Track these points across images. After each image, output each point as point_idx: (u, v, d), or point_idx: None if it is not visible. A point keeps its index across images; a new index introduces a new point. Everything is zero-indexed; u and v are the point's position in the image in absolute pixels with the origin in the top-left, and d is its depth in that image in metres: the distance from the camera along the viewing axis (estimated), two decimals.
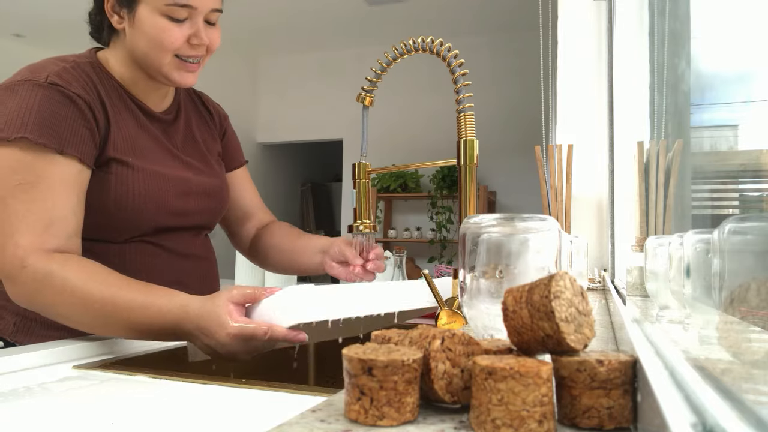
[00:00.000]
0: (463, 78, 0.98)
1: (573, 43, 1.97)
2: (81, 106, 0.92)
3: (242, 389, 0.66)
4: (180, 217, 1.05)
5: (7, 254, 0.84)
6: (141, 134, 1.02)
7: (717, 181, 0.93)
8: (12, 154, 0.86)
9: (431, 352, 0.38)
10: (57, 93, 0.90)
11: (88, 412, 0.57)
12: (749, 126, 0.76)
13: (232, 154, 1.26)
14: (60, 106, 0.89)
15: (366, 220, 1.09)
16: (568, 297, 0.38)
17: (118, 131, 0.97)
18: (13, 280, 0.85)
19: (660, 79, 1.21)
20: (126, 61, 1.02)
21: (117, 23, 0.99)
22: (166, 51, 0.97)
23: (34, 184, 0.86)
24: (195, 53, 0.99)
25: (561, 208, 1.74)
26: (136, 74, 1.02)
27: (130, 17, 0.97)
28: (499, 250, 0.55)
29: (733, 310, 0.37)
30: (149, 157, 1.01)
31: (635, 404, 0.35)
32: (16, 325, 0.99)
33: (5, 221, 0.85)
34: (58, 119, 0.89)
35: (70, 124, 0.90)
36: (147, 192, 0.98)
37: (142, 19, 0.96)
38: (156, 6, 0.94)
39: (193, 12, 0.96)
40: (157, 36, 0.95)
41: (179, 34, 0.96)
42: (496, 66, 5.45)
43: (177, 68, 0.99)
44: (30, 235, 0.84)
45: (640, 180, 1.11)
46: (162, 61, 0.98)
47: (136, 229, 0.99)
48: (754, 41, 0.66)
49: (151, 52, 0.97)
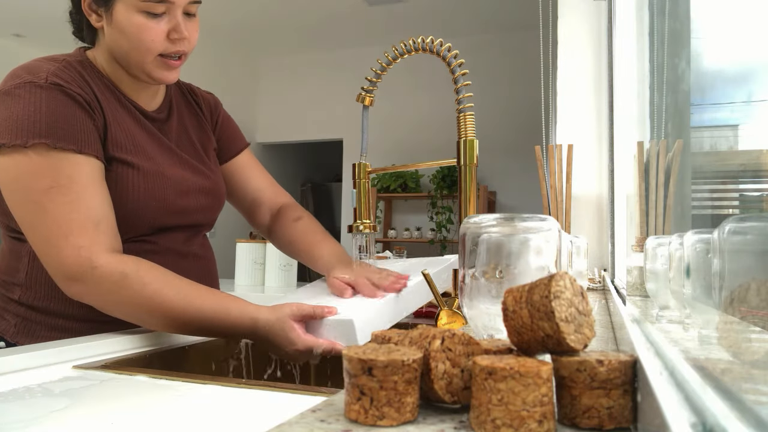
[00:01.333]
0: (463, 78, 0.98)
1: (573, 43, 1.97)
2: (83, 104, 0.92)
3: (242, 389, 0.66)
4: (179, 215, 1.04)
5: (70, 255, 0.85)
6: (139, 132, 1.01)
7: (717, 181, 0.93)
8: (31, 160, 0.86)
9: (431, 352, 0.38)
10: (59, 93, 0.90)
11: (88, 412, 0.57)
12: (749, 126, 0.76)
13: (231, 140, 1.23)
14: (65, 107, 0.89)
15: (366, 220, 1.09)
16: (568, 297, 0.38)
17: (117, 129, 0.97)
18: (83, 280, 0.86)
19: (660, 79, 1.21)
20: (110, 60, 1.01)
21: (95, 22, 0.98)
22: (147, 50, 0.95)
23: (68, 186, 0.87)
24: (176, 49, 0.97)
25: (561, 208, 1.74)
26: (120, 73, 1.01)
27: (107, 15, 0.96)
28: (499, 250, 0.55)
29: (733, 310, 0.37)
30: (149, 156, 1.00)
31: (635, 404, 0.35)
32: (17, 326, 0.99)
33: (52, 224, 0.86)
34: (68, 120, 0.89)
35: (80, 123, 0.90)
36: (148, 191, 0.98)
37: (119, 17, 0.94)
38: (133, 3, 0.92)
39: (170, 6, 0.94)
40: (137, 35, 0.94)
41: (158, 31, 0.94)
42: (496, 66, 5.45)
43: (159, 66, 0.98)
44: (86, 236, 0.86)
45: (640, 180, 1.11)
46: (145, 60, 0.97)
47: (137, 228, 0.99)
48: (754, 41, 0.66)
49: (132, 51, 0.96)
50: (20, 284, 0.99)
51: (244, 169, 1.24)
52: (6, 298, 1.01)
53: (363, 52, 5.90)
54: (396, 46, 1.04)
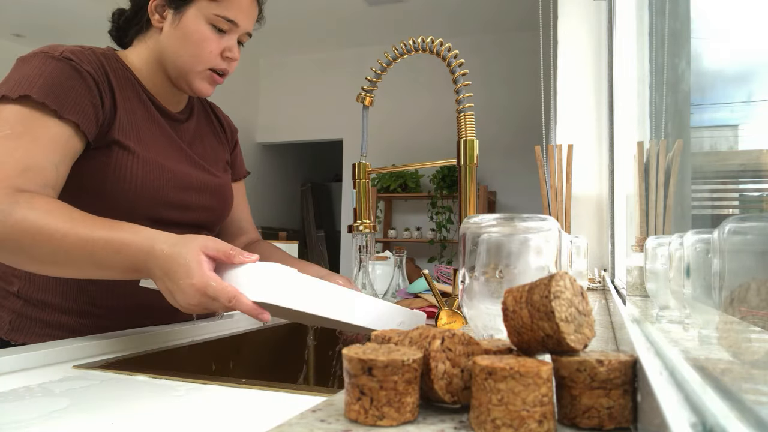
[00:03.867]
0: (463, 78, 0.98)
1: (573, 43, 1.97)
2: (89, 81, 0.93)
3: (242, 389, 0.66)
4: (180, 211, 1.05)
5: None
6: (149, 124, 1.03)
7: (717, 181, 0.93)
8: (11, 110, 0.87)
9: (431, 352, 0.38)
10: (68, 66, 0.92)
11: (88, 412, 0.57)
12: (749, 126, 0.76)
13: (238, 166, 1.29)
14: (68, 78, 0.91)
15: (366, 220, 1.09)
16: (568, 297, 0.38)
17: (125, 116, 0.99)
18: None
19: (660, 79, 1.21)
20: (149, 61, 1.05)
21: (157, 22, 1.02)
22: (201, 60, 1.01)
23: (21, 135, 0.86)
24: (225, 66, 1.04)
25: (561, 208, 1.74)
26: (156, 75, 1.05)
27: (174, 18, 1.01)
28: (499, 250, 0.55)
29: (733, 310, 0.37)
30: (152, 147, 1.02)
31: (635, 404, 0.35)
32: (12, 323, 0.99)
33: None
34: (64, 88, 0.90)
35: (74, 94, 0.91)
36: (144, 180, 0.98)
37: (188, 22, 1.00)
38: (205, 13, 0.99)
39: (234, 28, 1.02)
40: (199, 42, 1.00)
41: (217, 45, 1.01)
42: (496, 66, 5.45)
43: (205, 79, 1.04)
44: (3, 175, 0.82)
45: (640, 180, 1.11)
46: (193, 68, 1.02)
47: (133, 218, 0.99)
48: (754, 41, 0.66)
49: (185, 55, 1.01)
50: (20, 276, 0.99)
51: (239, 197, 1.29)
52: (5, 292, 1.01)
53: (363, 52, 5.91)
54: (396, 46, 1.04)
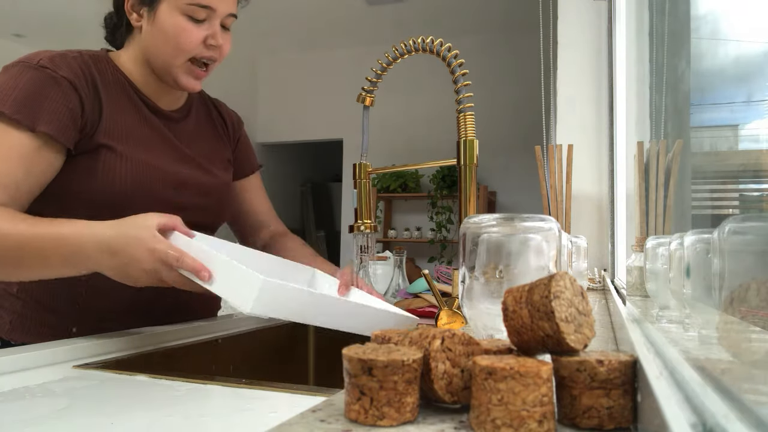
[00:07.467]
0: (463, 78, 0.98)
1: (573, 43, 1.97)
2: (65, 87, 0.92)
3: (242, 389, 0.66)
4: (173, 211, 1.04)
5: None
6: (140, 126, 1.02)
7: (717, 181, 0.93)
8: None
9: (431, 352, 0.38)
10: (44, 75, 0.91)
11: (88, 412, 0.57)
12: (749, 126, 0.76)
13: (246, 160, 1.27)
14: (43, 87, 0.90)
15: (366, 220, 1.09)
16: (568, 297, 0.38)
17: (111, 119, 0.98)
18: None
19: (660, 79, 1.21)
20: (138, 60, 1.04)
21: (135, 21, 1.01)
22: (182, 52, 0.99)
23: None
24: (210, 54, 1.02)
25: (561, 208, 1.74)
26: (146, 74, 1.04)
27: (149, 15, 0.99)
28: (499, 250, 0.55)
29: (733, 310, 0.37)
30: (143, 148, 1.01)
31: (635, 404, 0.35)
32: (12, 323, 0.99)
33: None
34: (37, 98, 0.89)
35: (49, 103, 0.90)
36: (134, 181, 0.97)
37: (162, 17, 0.98)
38: (178, 5, 0.97)
39: (211, 14, 1.00)
40: (176, 35, 0.98)
41: (197, 35, 0.99)
42: (496, 66, 5.45)
43: (186, 72, 1.02)
44: None
45: (640, 180, 1.11)
46: (175, 62, 1.00)
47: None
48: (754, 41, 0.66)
49: (166, 50, 0.99)
50: None
51: (253, 190, 1.28)
52: (5, 293, 1.01)
53: (363, 52, 5.89)
54: (396, 46, 1.04)
